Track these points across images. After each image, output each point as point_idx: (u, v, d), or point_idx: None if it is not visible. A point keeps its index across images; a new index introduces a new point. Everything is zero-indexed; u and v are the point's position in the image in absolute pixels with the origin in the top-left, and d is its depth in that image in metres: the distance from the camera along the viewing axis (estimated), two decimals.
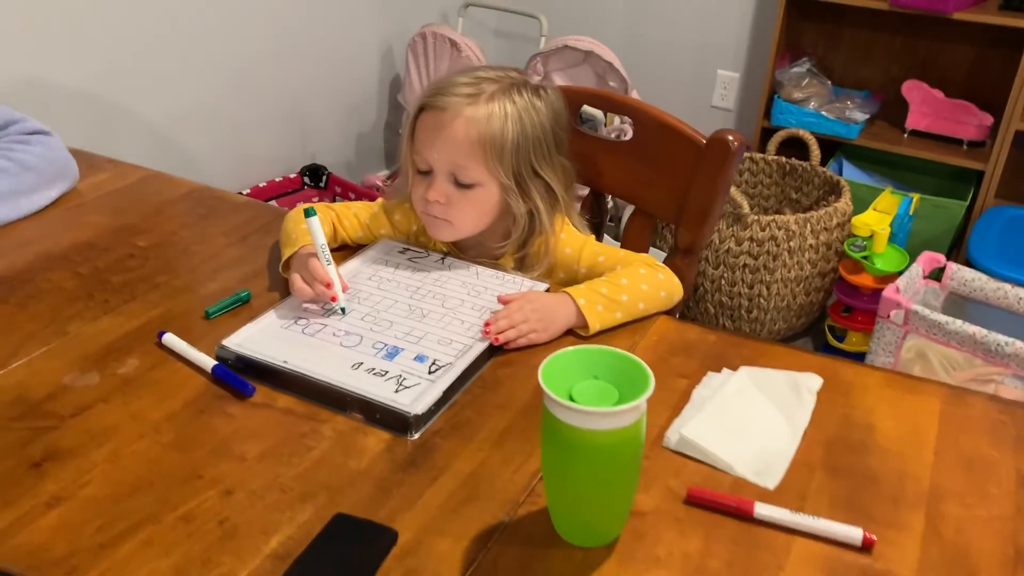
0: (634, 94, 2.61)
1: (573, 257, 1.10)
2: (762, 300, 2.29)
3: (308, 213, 0.98)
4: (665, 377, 0.92)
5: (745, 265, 2.24)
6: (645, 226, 1.35)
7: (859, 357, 2.28)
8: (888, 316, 2.05)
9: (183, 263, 1.10)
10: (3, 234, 1.14)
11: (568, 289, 1.01)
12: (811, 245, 2.23)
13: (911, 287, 2.13)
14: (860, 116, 2.64)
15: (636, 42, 3.02)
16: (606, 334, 1.00)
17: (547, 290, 1.07)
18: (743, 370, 0.91)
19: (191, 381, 0.89)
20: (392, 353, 0.93)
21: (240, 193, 2.38)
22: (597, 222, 1.42)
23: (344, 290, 0.99)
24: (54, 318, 0.97)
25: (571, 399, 0.66)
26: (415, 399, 0.85)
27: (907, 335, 2.05)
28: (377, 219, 1.16)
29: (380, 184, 2.63)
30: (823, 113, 2.66)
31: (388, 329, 0.97)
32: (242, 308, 1.01)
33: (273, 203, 2.49)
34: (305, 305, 0.99)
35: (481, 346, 0.95)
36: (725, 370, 0.92)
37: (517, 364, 0.94)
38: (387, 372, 0.90)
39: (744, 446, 0.81)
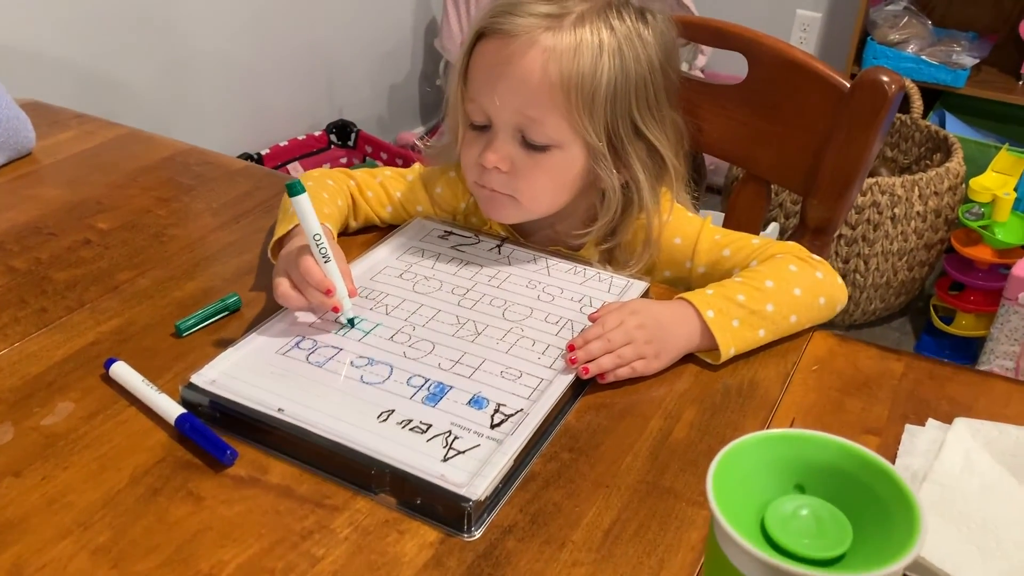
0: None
1: (685, 250, 0.80)
2: (858, 276, 1.96)
3: (293, 190, 0.67)
4: (843, 432, 0.61)
5: (840, 236, 1.91)
6: (760, 197, 1.04)
7: (972, 343, 1.96)
8: (1016, 299, 1.72)
9: (154, 253, 0.82)
10: None
11: (687, 295, 0.71)
12: (918, 212, 1.90)
13: None
14: (968, 60, 2.28)
15: None
16: (743, 362, 0.70)
17: (648, 293, 0.77)
18: (962, 424, 0.61)
19: (146, 439, 0.61)
20: (437, 394, 0.64)
21: (258, 154, 2.11)
22: (694, 194, 1.11)
23: (351, 295, 0.70)
24: None
25: (766, 535, 0.37)
26: (474, 473, 0.57)
27: None
28: (413, 191, 0.87)
29: (417, 143, 2.33)
30: (924, 58, 2.29)
31: (429, 354, 0.68)
32: (229, 320, 0.73)
33: (296, 164, 2.21)
34: (300, 317, 0.71)
35: (564, 381, 0.65)
36: (932, 422, 0.62)
37: (619, 409, 0.64)
38: (430, 426, 0.61)
39: (995, 564, 0.51)
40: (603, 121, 0.73)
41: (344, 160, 2.32)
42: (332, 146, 2.30)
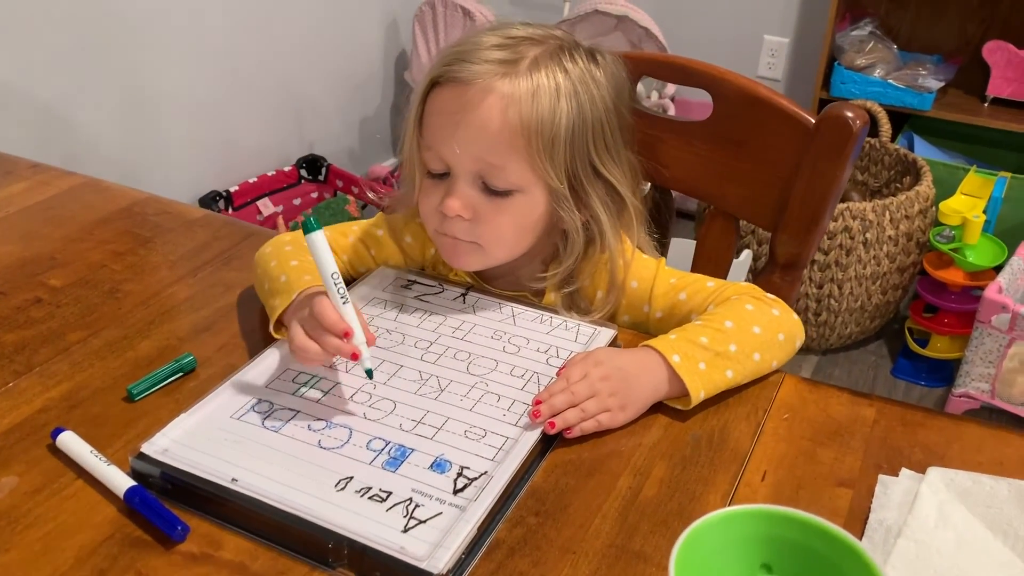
0: None
1: (642, 294, 0.79)
2: (832, 301, 1.96)
3: (308, 227, 0.64)
4: (816, 485, 0.60)
5: (813, 261, 1.91)
6: (729, 232, 1.03)
7: (948, 365, 1.96)
8: (989, 321, 1.73)
9: (108, 311, 0.79)
10: None
11: (652, 342, 0.69)
12: (890, 236, 1.91)
13: (1013, 285, 1.81)
14: (934, 84, 2.30)
15: (669, 5, 2.68)
16: (709, 405, 0.68)
17: (615, 341, 0.76)
18: (935, 474, 0.60)
19: (94, 514, 0.58)
20: (397, 458, 0.62)
21: (227, 191, 2.09)
22: (659, 235, 1.09)
23: (370, 343, 0.66)
24: None
25: None
26: (436, 544, 0.54)
27: (1013, 342, 1.73)
28: (382, 245, 0.85)
29: (388, 177, 2.32)
30: (891, 81, 2.31)
31: (390, 415, 0.66)
32: (184, 381, 0.71)
33: (266, 200, 2.18)
34: (282, 387, 0.68)
35: (531, 438, 0.64)
36: (905, 472, 0.61)
37: (587, 466, 0.62)
38: (390, 493, 0.59)
39: None
40: (563, 163, 0.72)
41: (315, 195, 2.30)
42: (302, 181, 2.28)
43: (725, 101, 0.97)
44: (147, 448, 0.61)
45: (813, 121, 0.91)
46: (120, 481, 0.59)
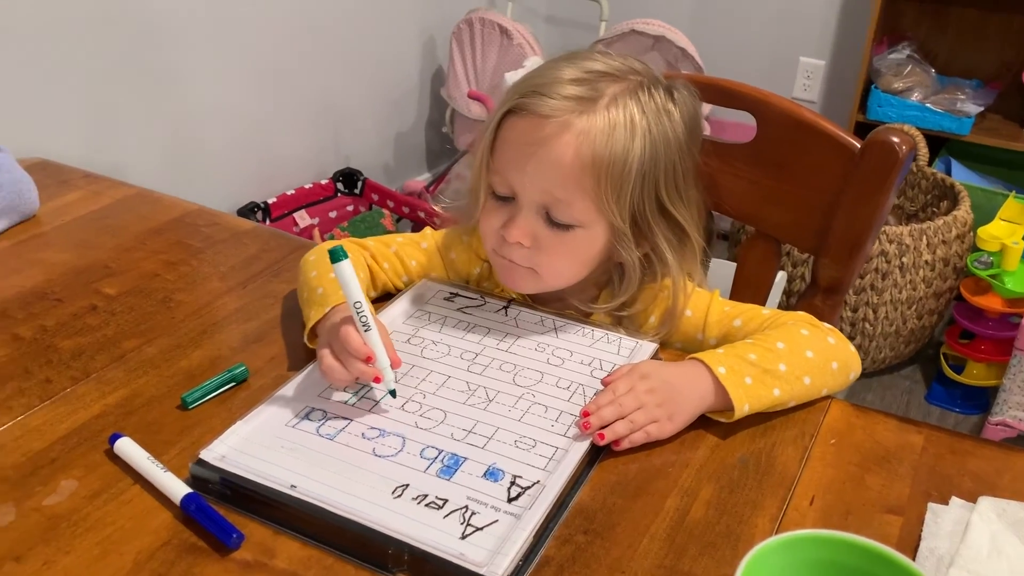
0: None
1: (696, 322, 0.79)
2: (867, 325, 1.95)
3: (336, 256, 0.66)
4: (864, 512, 0.60)
5: None
6: (770, 255, 1.03)
7: (983, 392, 1.94)
8: None
9: (161, 320, 0.81)
10: None
11: (698, 355, 0.70)
12: (927, 261, 1.89)
13: None
14: (972, 108, 2.28)
15: (705, 26, 2.69)
16: (756, 426, 0.68)
17: (657, 354, 0.76)
18: (987, 503, 0.59)
19: (151, 520, 0.59)
20: (451, 466, 0.63)
21: (265, 203, 2.11)
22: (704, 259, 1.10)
23: (395, 366, 0.68)
24: None
25: None
26: (494, 551, 0.55)
27: None
28: (428, 259, 0.86)
29: (423, 192, 2.33)
30: (928, 105, 2.30)
31: (441, 424, 0.67)
32: (236, 391, 0.72)
33: (303, 212, 2.21)
34: (336, 396, 0.69)
35: (579, 449, 0.64)
36: (956, 500, 0.61)
37: (635, 486, 0.63)
38: (446, 500, 0.59)
39: None
40: (629, 202, 0.73)
41: (350, 208, 2.32)
42: (339, 194, 2.31)
43: (768, 124, 0.98)
44: (206, 454, 0.62)
45: (858, 146, 0.91)
46: (177, 488, 0.60)
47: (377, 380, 0.67)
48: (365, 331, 0.66)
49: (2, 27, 1.45)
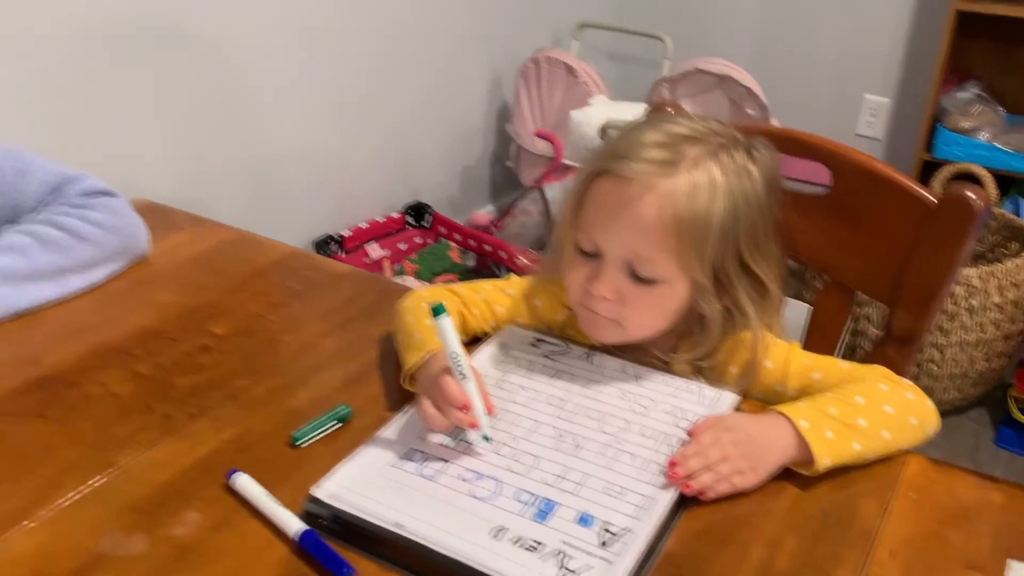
0: (774, 123, 2.30)
1: (775, 373, 0.82)
2: (933, 367, 1.94)
3: (437, 311, 0.72)
4: (946, 568, 0.62)
5: None
6: (843, 304, 1.05)
7: None
8: None
9: (268, 360, 0.87)
10: (52, 316, 0.93)
11: (781, 407, 0.73)
12: (996, 303, 1.88)
13: None
14: None
15: (768, 61, 2.71)
16: (836, 479, 0.71)
17: (739, 406, 0.79)
18: None
19: (268, 553, 0.64)
20: (545, 511, 0.67)
21: (340, 235, 2.20)
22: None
23: (490, 412, 0.73)
24: (100, 442, 0.75)
25: None
26: None
27: None
28: (515, 306, 0.91)
29: (489, 226, 2.39)
30: (996, 145, 2.29)
31: (534, 469, 0.71)
32: (341, 430, 0.77)
33: (375, 244, 2.28)
34: (434, 439, 0.74)
35: (667, 497, 0.68)
36: None
37: (720, 535, 0.66)
38: (541, 543, 0.63)
39: None
40: (711, 259, 0.76)
41: (419, 240, 2.39)
42: (408, 227, 2.38)
43: (843, 176, 1.00)
44: (317, 492, 0.67)
45: (935, 201, 0.93)
46: (293, 523, 0.65)
47: (473, 427, 0.71)
48: (462, 381, 0.71)
49: (102, 76, 1.55)
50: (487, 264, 2.35)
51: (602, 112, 2.21)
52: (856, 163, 0.99)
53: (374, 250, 2.30)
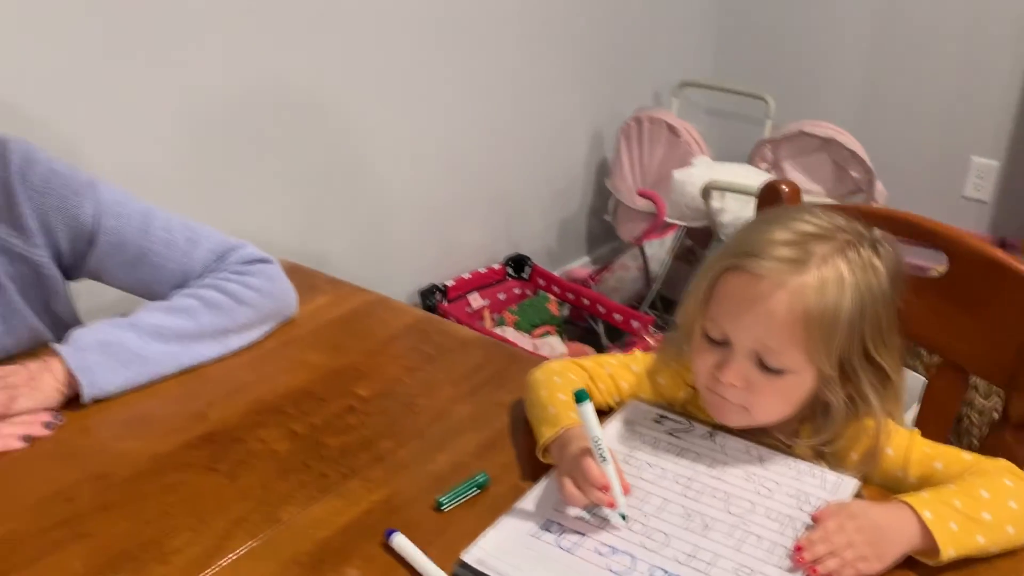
0: (878, 187, 2.30)
1: (896, 460, 0.84)
2: None
3: (580, 397, 0.77)
4: None
5: None
6: (957, 385, 1.06)
7: None
8: None
9: (408, 423, 0.94)
10: (214, 373, 1.02)
11: (906, 497, 0.75)
12: None
13: None
14: None
15: (872, 122, 2.71)
16: (959, 570, 0.73)
17: (860, 492, 0.82)
18: None
19: None
20: None
21: (444, 285, 2.29)
22: None
23: (626, 492, 0.78)
24: (266, 497, 0.82)
25: None
26: None
27: None
28: (639, 382, 0.95)
29: (587, 280, 2.45)
30: None
31: (665, 546, 0.75)
32: (480, 496, 0.83)
33: (476, 295, 2.36)
34: (571, 511, 0.79)
35: None
36: None
37: None
38: None
39: None
40: (838, 351, 0.80)
41: (518, 291, 2.46)
42: (508, 278, 2.46)
43: (961, 261, 1.02)
44: (468, 557, 0.73)
45: None
46: None
47: (612, 506, 0.76)
48: (602, 463, 0.76)
49: (237, 142, 1.69)
50: (582, 316, 2.40)
51: (704, 172, 2.24)
52: (972, 250, 1.01)
53: (475, 300, 2.38)
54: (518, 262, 2.46)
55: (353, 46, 1.87)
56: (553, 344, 2.20)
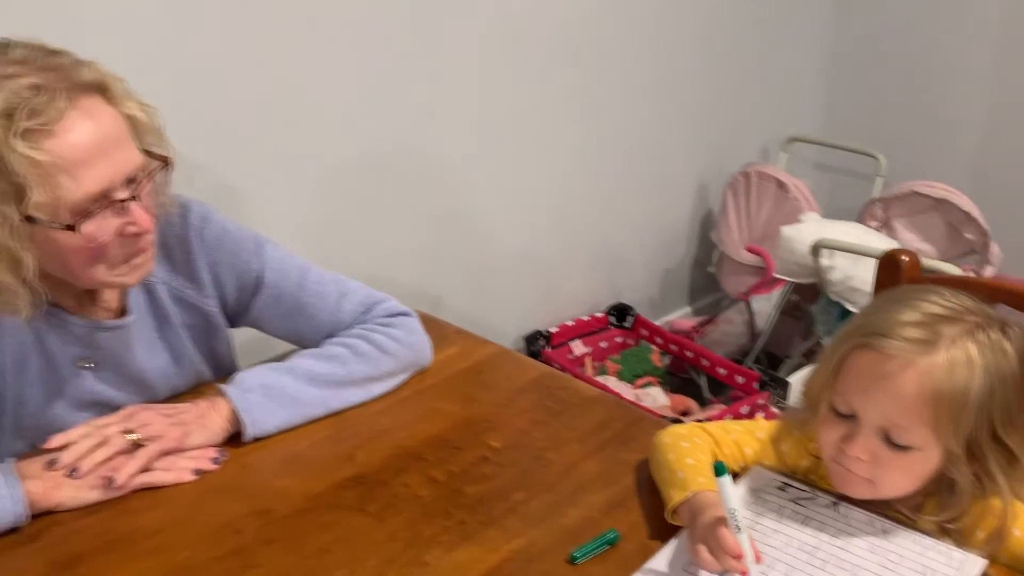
0: (994, 248, 2.27)
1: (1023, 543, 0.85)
2: None
3: (719, 471, 0.82)
4: None
5: None
6: None
7: None
8: None
9: (539, 476, 0.99)
10: (357, 417, 1.10)
11: None
12: None
13: None
14: None
15: (988, 181, 2.66)
16: None
17: (986, 572, 0.83)
18: None
19: None
20: None
21: (548, 332, 2.35)
22: None
23: (758, 560, 0.82)
24: (412, 539, 0.89)
25: None
26: None
27: None
28: (763, 449, 0.99)
29: (691, 332, 2.47)
30: None
31: None
32: (610, 552, 0.87)
33: (579, 342, 2.41)
34: (700, 573, 0.83)
35: None
36: None
37: None
38: None
39: None
40: (965, 431, 0.82)
41: (619, 340, 2.50)
42: (611, 327, 2.50)
43: None
44: None
45: None
46: None
47: (744, 574, 0.80)
48: (737, 532, 0.80)
49: (362, 196, 1.81)
50: (683, 367, 2.42)
51: (814, 230, 2.25)
52: None
53: (577, 347, 2.43)
54: (621, 311, 2.51)
55: (465, 110, 1.96)
56: (655, 395, 2.23)
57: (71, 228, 0.88)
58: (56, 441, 0.95)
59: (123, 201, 0.91)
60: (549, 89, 2.14)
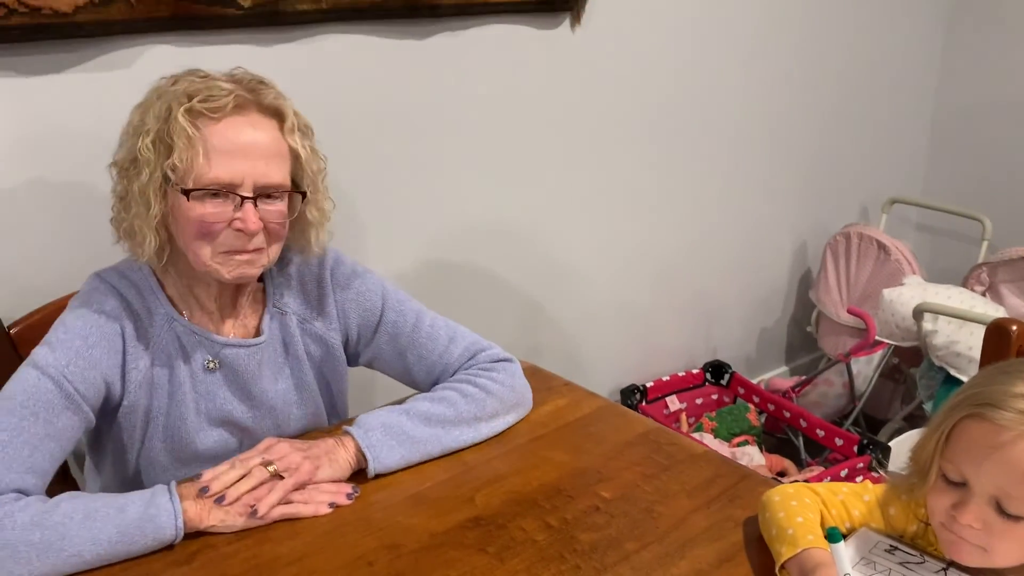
0: None
1: None
2: None
3: (833, 537, 0.85)
4: None
5: None
6: None
7: None
8: None
9: (649, 528, 1.04)
10: (474, 461, 1.17)
11: None
12: None
13: None
14: None
15: None
16: None
17: None
18: None
19: None
20: None
21: (644, 386, 2.38)
22: None
23: None
24: None
25: None
26: None
27: None
28: (869, 511, 1.01)
29: (788, 392, 2.46)
30: None
31: None
32: None
33: (674, 397, 2.44)
34: None
35: None
36: None
37: None
38: None
39: None
40: None
41: (715, 397, 2.51)
42: (707, 383, 2.51)
43: None
44: None
45: None
46: None
47: None
48: None
49: (466, 259, 1.90)
50: (779, 427, 2.41)
51: (916, 293, 2.24)
52: None
53: (673, 402, 2.45)
54: (717, 368, 2.52)
55: (565, 169, 2.05)
56: (752, 454, 2.23)
57: (186, 195, 1.02)
58: (208, 475, 1.05)
59: (243, 199, 1.04)
60: (652, 148, 2.21)
